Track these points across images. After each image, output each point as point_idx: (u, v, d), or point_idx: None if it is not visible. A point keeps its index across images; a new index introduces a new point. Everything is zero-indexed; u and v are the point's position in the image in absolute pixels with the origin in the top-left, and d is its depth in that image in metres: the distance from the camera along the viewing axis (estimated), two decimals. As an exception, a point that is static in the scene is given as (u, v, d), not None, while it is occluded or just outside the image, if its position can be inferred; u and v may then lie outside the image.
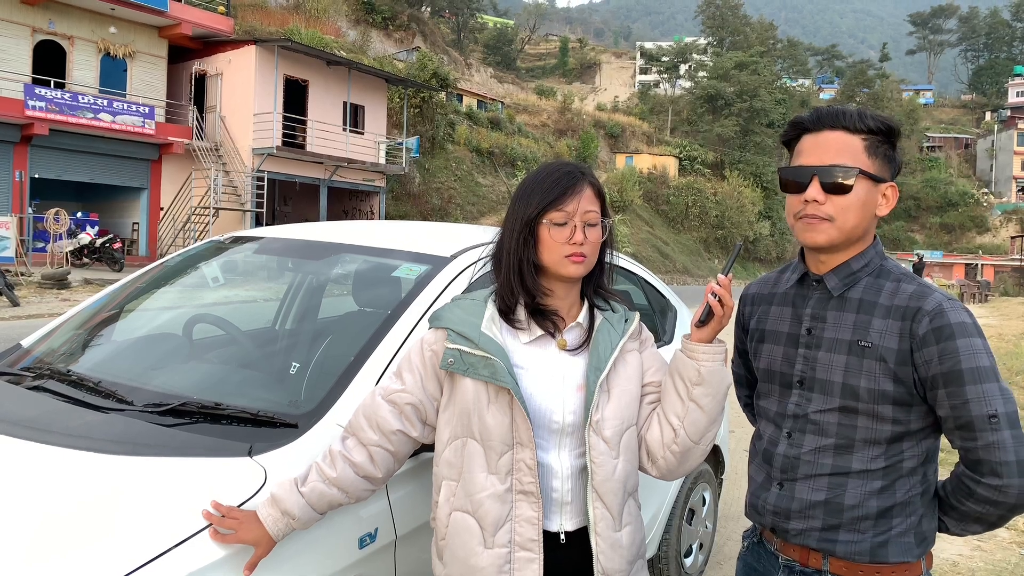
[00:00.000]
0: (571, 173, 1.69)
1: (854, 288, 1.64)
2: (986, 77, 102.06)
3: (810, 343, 1.66)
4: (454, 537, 1.65)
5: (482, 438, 1.63)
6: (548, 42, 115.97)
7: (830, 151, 1.60)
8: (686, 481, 3.53)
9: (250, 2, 37.11)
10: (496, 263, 1.75)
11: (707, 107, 66.41)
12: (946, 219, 69.53)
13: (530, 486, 1.62)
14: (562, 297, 1.72)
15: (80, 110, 21.91)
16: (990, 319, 22.79)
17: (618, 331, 1.73)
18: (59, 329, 2.74)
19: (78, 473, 1.75)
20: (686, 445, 1.67)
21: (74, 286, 16.49)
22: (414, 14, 56.20)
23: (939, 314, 1.52)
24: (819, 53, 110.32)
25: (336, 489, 1.67)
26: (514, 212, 1.71)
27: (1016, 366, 11.28)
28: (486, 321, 1.67)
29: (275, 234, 3.04)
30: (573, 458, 1.67)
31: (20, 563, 1.47)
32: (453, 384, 1.68)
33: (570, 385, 1.67)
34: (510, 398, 1.61)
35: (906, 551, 1.59)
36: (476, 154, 39.94)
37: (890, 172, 1.64)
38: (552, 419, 1.65)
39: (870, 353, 1.56)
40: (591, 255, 1.69)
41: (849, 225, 1.59)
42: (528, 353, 1.68)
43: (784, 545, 1.70)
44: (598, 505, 1.65)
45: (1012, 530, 4.75)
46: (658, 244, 45.16)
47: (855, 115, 1.61)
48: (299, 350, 2.72)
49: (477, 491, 1.63)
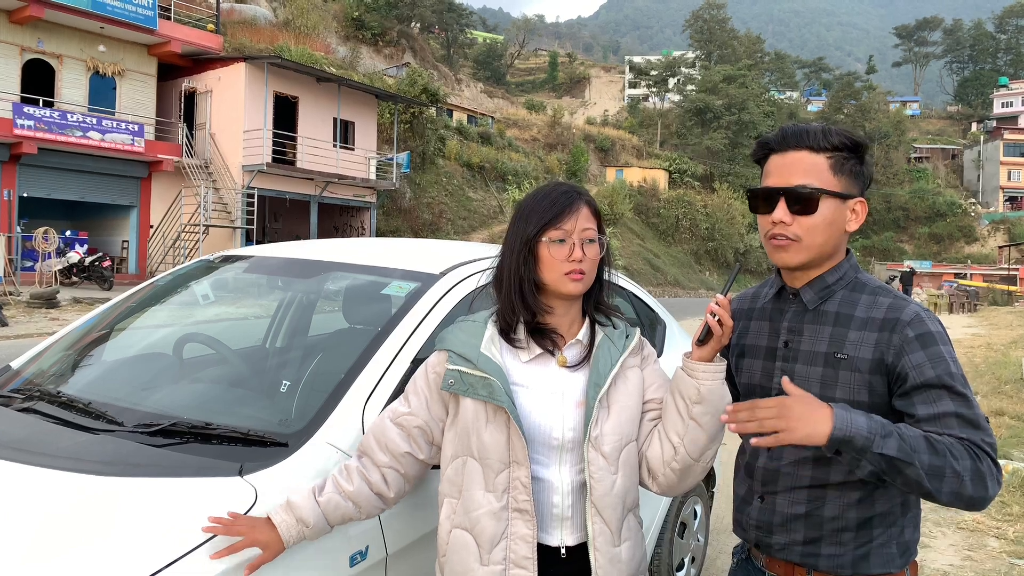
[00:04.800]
0: (568, 193, 1.74)
1: (830, 301, 1.66)
2: (971, 88, 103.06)
3: (788, 356, 1.69)
4: (453, 554, 1.68)
5: (480, 456, 1.66)
6: (537, 57, 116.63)
7: (795, 171, 1.62)
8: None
9: (239, 20, 37.20)
10: (497, 283, 1.78)
11: (696, 120, 66.90)
12: (935, 229, 69.99)
13: (525, 504, 1.64)
14: (562, 315, 1.75)
15: (69, 128, 21.88)
16: (979, 329, 22.93)
17: (619, 347, 1.75)
18: (49, 350, 2.73)
19: (68, 494, 1.75)
20: (686, 462, 1.68)
21: (63, 305, 16.41)
22: (404, 30, 56.44)
23: (919, 322, 1.55)
24: (806, 66, 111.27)
25: (351, 503, 1.71)
26: (514, 232, 1.74)
27: (1005, 375, 11.33)
28: (485, 342, 1.70)
29: (265, 253, 3.05)
30: (574, 474, 1.69)
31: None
32: (456, 405, 1.71)
33: (570, 401, 1.70)
34: (507, 417, 1.64)
35: (888, 562, 1.61)
36: (467, 169, 40.04)
37: (858, 187, 1.66)
38: (552, 435, 1.68)
39: (845, 364, 1.59)
40: (590, 272, 1.72)
41: (817, 244, 1.62)
42: (528, 371, 1.72)
43: (770, 561, 1.72)
44: (597, 520, 1.67)
45: (1002, 539, 4.77)
46: (649, 257, 45.28)
47: (819, 133, 1.62)
48: (289, 368, 2.72)
49: (474, 508, 1.66)
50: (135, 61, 24.76)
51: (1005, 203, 74.38)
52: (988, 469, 1.45)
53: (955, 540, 4.77)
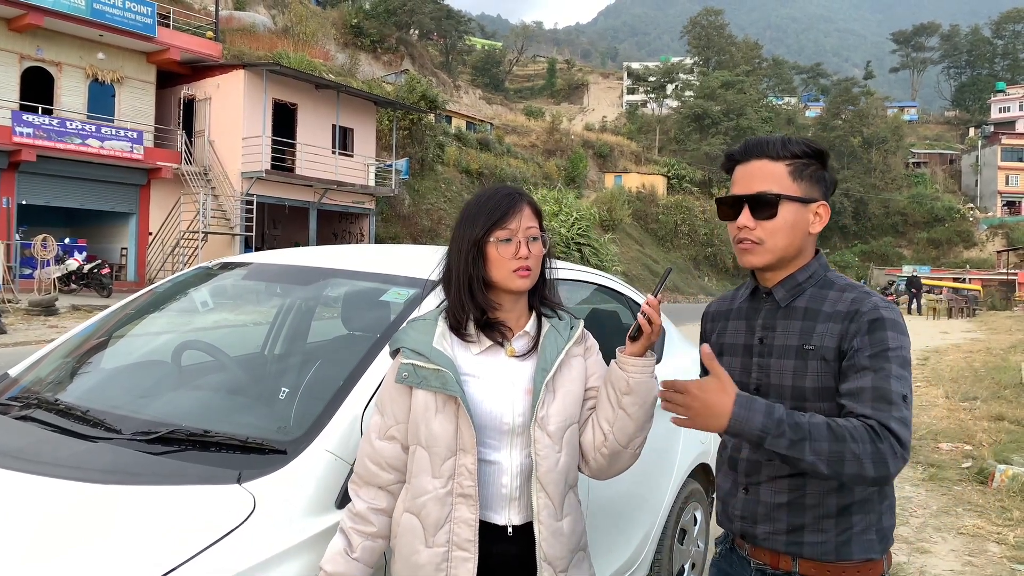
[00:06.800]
0: (511, 195, 1.84)
1: (800, 298, 1.75)
2: (969, 93, 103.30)
3: (763, 351, 1.77)
4: (402, 536, 1.75)
5: (428, 445, 1.73)
6: (536, 63, 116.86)
7: (756, 179, 1.73)
8: (677, 500, 3.53)
9: (238, 27, 37.28)
10: (446, 283, 1.86)
11: (694, 126, 67.03)
12: (933, 234, 70.02)
13: (469, 489, 1.72)
14: (510, 310, 1.84)
15: (68, 136, 21.90)
16: (978, 333, 22.92)
17: (564, 336, 1.85)
18: (47, 357, 2.73)
19: (67, 503, 1.75)
20: (615, 448, 1.79)
21: (62, 312, 16.39)
22: (402, 37, 56.61)
23: (875, 310, 1.64)
24: (804, 72, 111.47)
25: (382, 539, 1.78)
26: (460, 234, 1.83)
27: (1005, 380, 11.32)
28: (437, 337, 1.78)
29: (264, 259, 3.05)
30: (523, 457, 1.78)
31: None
32: (409, 397, 1.78)
33: (519, 388, 1.79)
34: (457, 407, 1.71)
35: (869, 548, 1.69)
36: (466, 175, 40.06)
37: (820, 191, 1.75)
38: (503, 421, 1.76)
39: (813, 355, 1.67)
40: (535, 268, 1.82)
41: (780, 246, 1.72)
42: (479, 362, 1.80)
43: (754, 550, 1.78)
44: (541, 495, 1.76)
45: (1003, 545, 4.76)
46: (648, 263, 45.31)
47: (778, 143, 1.73)
48: (288, 375, 2.72)
49: (421, 494, 1.73)
50: (134, 68, 24.80)
51: (1003, 208, 74.41)
52: (889, 448, 1.49)
53: (956, 545, 4.76)
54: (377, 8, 55.83)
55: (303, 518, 1.79)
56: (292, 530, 1.75)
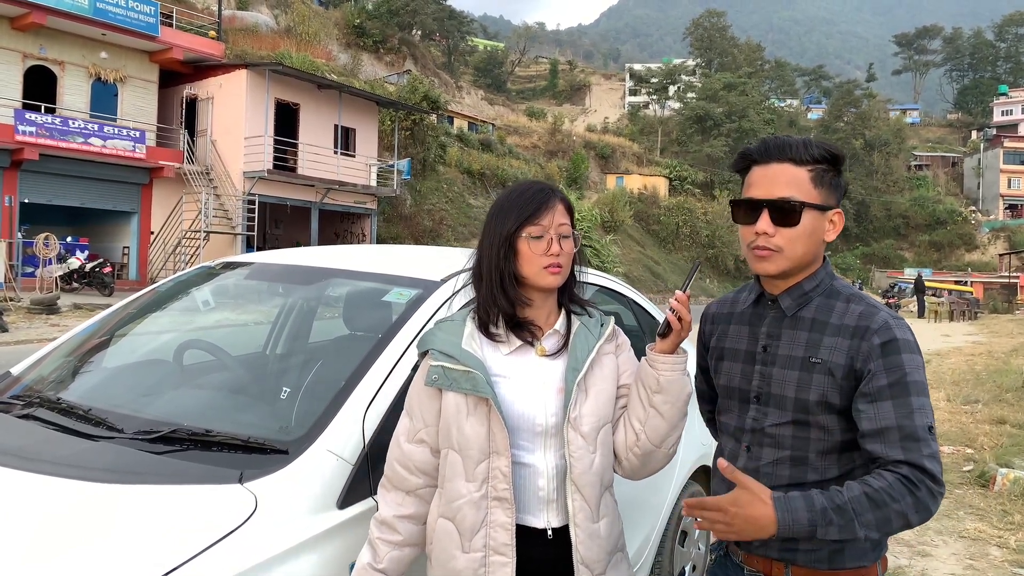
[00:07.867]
0: (543, 190, 1.81)
1: (807, 308, 1.72)
2: (971, 96, 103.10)
3: (766, 360, 1.74)
4: (438, 542, 1.73)
5: (460, 448, 1.71)
6: (538, 64, 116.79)
7: (778, 184, 1.66)
8: (678, 503, 3.52)
9: (241, 27, 37.30)
10: (477, 278, 1.83)
11: (696, 128, 66.97)
12: (935, 237, 69.96)
13: (504, 492, 1.69)
14: (540, 307, 1.82)
15: (70, 135, 21.92)
16: (979, 336, 22.90)
17: (594, 334, 1.82)
18: (49, 356, 2.73)
19: (68, 502, 1.75)
20: (647, 448, 1.77)
21: (64, 311, 16.40)
22: (405, 37, 56.63)
23: (886, 330, 1.61)
24: (806, 74, 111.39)
25: (408, 548, 1.77)
26: (492, 229, 1.80)
27: (1007, 383, 11.31)
28: (466, 338, 1.76)
29: (266, 259, 3.05)
30: (557, 458, 1.75)
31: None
32: (439, 400, 1.76)
33: (551, 388, 1.76)
34: (488, 408, 1.69)
35: (862, 556, 1.67)
36: (467, 176, 40.06)
37: (836, 199, 1.71)
38: (535, 422, 1.74)
39: (819, 368, 1.65)
40: (566, 265, 1.79)
41: (798, 254, 1.67)
42: (509, 363, 1.77)
43: (748, 557, 1.77)
44: (576, 498, 1.73)
45: (1004, 548, 4.75)
46: (649, 264, 45.28)
47: (801, 146, 1.67)
48: (290, 375, 2.72)
49: (456, 498, 1.71)
50: (137, 68, 24.82)
51: (1005, 211, 74.34)
52: (927, 492, 1.50)
53: (957, 549, 4.76)
54: (380, 8, 55.82)
55: (305, 518, 1.79)
56: (294, 530, 1.75)
